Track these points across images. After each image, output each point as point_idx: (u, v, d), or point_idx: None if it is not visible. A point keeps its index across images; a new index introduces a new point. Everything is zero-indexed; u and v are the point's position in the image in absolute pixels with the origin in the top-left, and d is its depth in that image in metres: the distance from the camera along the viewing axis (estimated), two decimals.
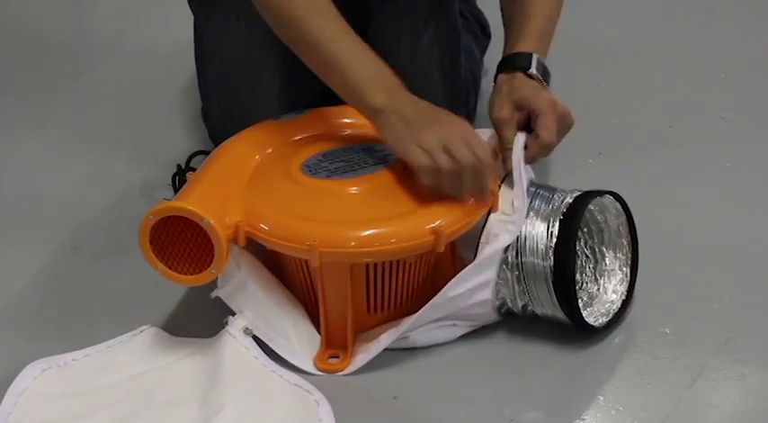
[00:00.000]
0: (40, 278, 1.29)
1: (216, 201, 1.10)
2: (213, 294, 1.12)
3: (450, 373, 1.13)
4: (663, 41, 1.83)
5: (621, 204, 1.18)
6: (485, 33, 1.60)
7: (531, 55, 1.25)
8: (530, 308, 1.14)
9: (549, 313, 1.13)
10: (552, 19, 1.32)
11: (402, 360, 1.14)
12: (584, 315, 1.12)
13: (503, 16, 1.36)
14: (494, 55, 1.38)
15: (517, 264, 1.11)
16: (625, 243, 1.19)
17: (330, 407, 1.06)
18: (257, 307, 1.13)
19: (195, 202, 1.08)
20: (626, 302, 1.17)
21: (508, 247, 1.11)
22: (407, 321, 1.11)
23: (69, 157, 1.54)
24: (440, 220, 1.09)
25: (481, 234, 1.13)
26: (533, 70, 1.24)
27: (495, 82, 1.28)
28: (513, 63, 1.26)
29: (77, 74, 1.78)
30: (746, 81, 1.70)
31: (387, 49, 1.38)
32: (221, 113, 1.39)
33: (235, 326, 1.12)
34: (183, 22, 1.42)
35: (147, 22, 1.95)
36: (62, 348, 1.14)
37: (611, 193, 1.17)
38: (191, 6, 1.40)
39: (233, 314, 1.13)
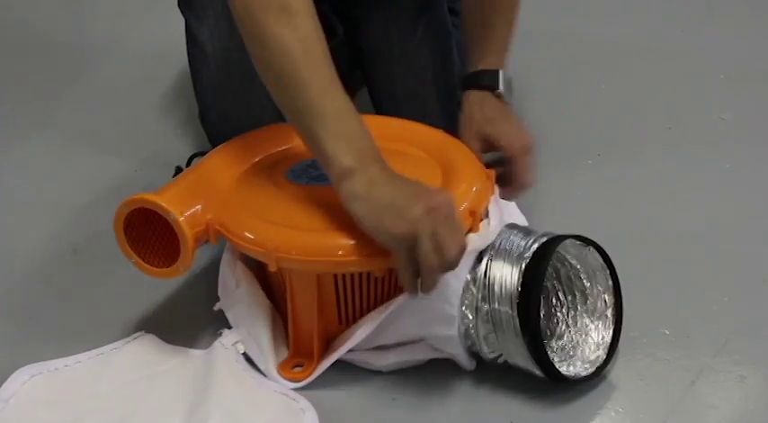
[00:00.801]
0: (40, 278, 1.29)
1: (191, 197, 1.09)
2: (216, 307, 1.14)
3: (449, 375, 1.12)
4: (663, 41, 1.84)
5: (601, 254, 1.10)
6: None
7: (498, 73, 1.26)
8: (500, 359, 1.08)
9: (521, 364, 1.07)
10: (513, 25, 1.31)
11: None
12: (560, 368, 1.06)
13: (462, 25, 1.35)
14: None
15: (485, 309, 1.05)
16: (607, 297, 1.12)
17: (316, 415, 1.05)
18: (248, 325, 1.13)
19: (168, 196, 1.07)
20: (610, 354, 1.10)
21: (474, 289, 1.06)
22: (359, 334, 1.08)
23: (69, 157, 1.54)
24: None
25: None
26: (501, 90, 1.25)
27: (462, 93, 1.28)
28: (481, 81, 1.26)
29: (77, 74, 1.78)
30: (746, 81, 1.70)
31: (377, 53, 1.40)
32: (218, 115, 1.39)
33: (228, 340, 1.12)
34: (182, 23, 1.41)
35: (146, 21, 1.95)
36: (59, 350, 1.14)
37: (587, 239, 1.10)
38: (181, 9, 1.40)
39: (229, 327, 1.14)
